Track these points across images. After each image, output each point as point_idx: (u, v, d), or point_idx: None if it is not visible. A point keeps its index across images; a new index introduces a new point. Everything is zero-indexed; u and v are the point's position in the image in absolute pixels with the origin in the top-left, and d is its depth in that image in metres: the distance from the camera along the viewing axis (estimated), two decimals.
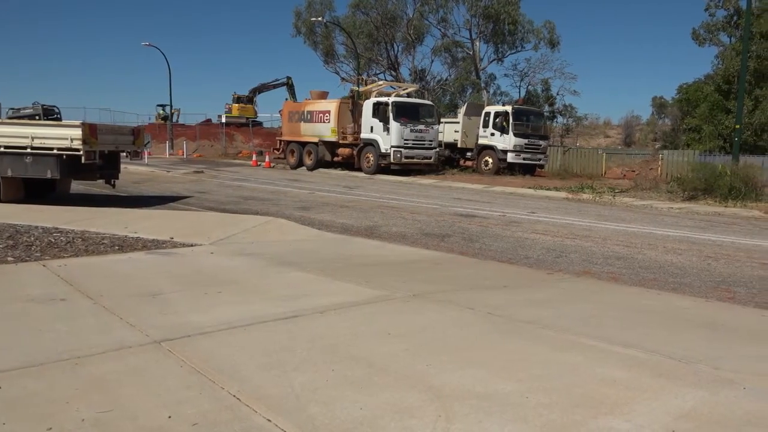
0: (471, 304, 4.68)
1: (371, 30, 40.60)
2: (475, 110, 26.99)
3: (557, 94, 42.00)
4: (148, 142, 25.85)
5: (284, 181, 20.19)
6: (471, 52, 41.31)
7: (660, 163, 27.89)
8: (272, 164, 29.52)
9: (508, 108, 25.48)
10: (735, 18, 30.46)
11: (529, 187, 19.22)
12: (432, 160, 24.48)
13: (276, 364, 3.27)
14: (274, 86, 47.00)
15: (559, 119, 43.35)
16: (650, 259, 7.71)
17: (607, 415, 2.73)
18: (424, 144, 24.01)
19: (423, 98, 31.66)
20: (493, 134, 25.11)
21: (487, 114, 25.69)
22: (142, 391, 2.88)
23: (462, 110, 27.75)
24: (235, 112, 47.78)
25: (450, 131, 27.33)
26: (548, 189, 18.73)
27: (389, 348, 3.60)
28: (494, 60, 42.00)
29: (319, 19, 37.64)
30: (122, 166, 13.05)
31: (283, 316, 4.19)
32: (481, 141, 25.75)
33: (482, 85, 41.14)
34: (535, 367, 3.34)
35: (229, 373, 3.13)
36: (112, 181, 12.28)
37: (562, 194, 17.61)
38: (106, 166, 11.56)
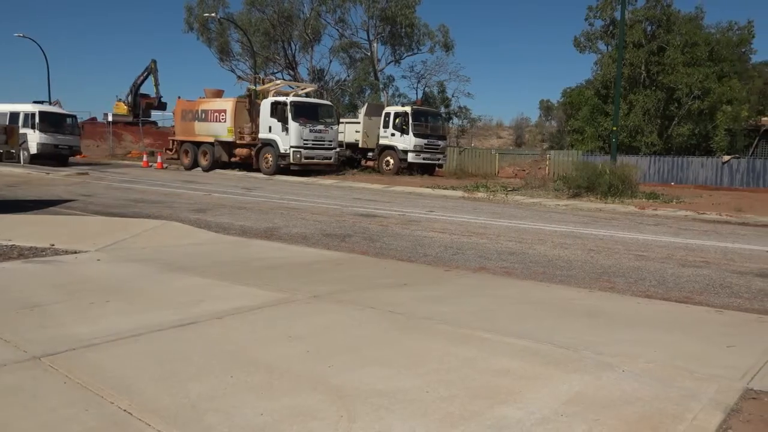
0: (372, 303, 4.72)
1: (268, 28, 39.93)
2: (375, 111, 27.31)
3: (452, 96, 43.43)
4: (24, 141, 24.05)
5: (178, 183, 19.39)
6: (369, 53, 41.70)
7: (548, 162, 29.61)
8: (165, 165, 28.30)
9: (408, 109, 26.06)
10: (611, 28, 32.84)
11: (428, 187, 19.71)
12: (332, 160, 24.49)
13: (171, 374, 3.13)
14: (145, 77, 44.75)
15: (455, 120, 44.83)
16: (540, 253, 8.14)
17: (502, 404, 2.85)
18: (324, 144, 23.96)
19: (322, 98, 31.60)
20: (393, 134, 25.56)
21: (387, 114, 26.10)
22: (18, 411, 2.65)
23: (363, 111, 28.01)
24: (118, 110, 45.58)
25: (351, 131, 27.49)
26: (445, 188, 19.31)
27: (290, 351, 3.55)
28: (392, 62, 42.74)
29: (212, 15, 36.49)
30: None
31: (179, 324, 4.02)
32: (382, 141, 26.11)
33: (381, 86, 41.66)
34: (435, 361, 3.42)
35: (119, 386, 2.95)
36: None
37: (459, 193, 18.21)
38: None
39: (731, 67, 29.97)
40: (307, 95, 26.72)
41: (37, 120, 26.89)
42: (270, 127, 23.56)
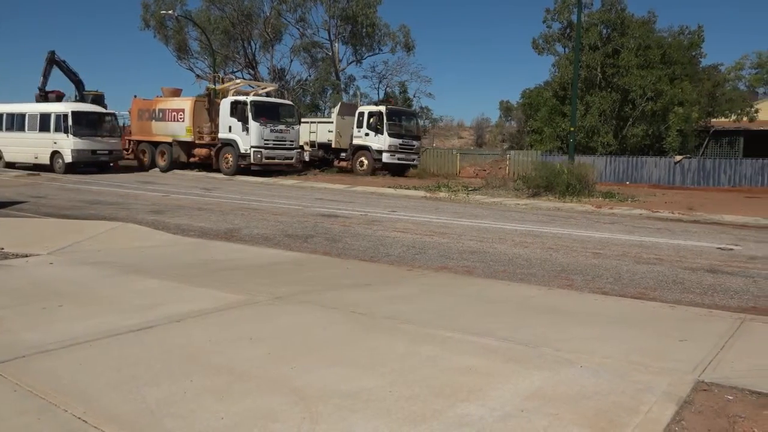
0: (334, 304, 4.71)
1: (227, 26, 39.32)
2: (348, 110, 26.90)
3: (414, 96, 43.54)
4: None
5: (135, 184, 18.95)
6: (330, 53, 41.53)
7: (508, 162, 30.01)
8: (121, 165, 27.58)
9: (382, 108, 25.63)
10: (568, 30, 33.51)
11: (390, 187, 19.74)
12: (293, 160, 24.26)
13: (128, 379, 3.05)
14: (49, 71, 39.48)
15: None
16: (501, 252, 8.25)
17: (464, 402, 2.88)
18: (285, 144, 23.73)
19: (283, 98, 31.30)
20: (367, 134, 25.21)
21: (361, 114, 25.72)
22: None
23: (336, 110, 27.51)
24: None
25: (324, 131, 27.00)
26: (407, 188, 19.37)
27: (251, 353, 3.51)
28: (353, 62, 42.61)
29: (170, 12, 35.73)
30: None
31: (136, 328, 3.92)
32: (355, 141, 25.74)
33: (342, 86, 41.54)
34: (397, 361, 3.43)
35: (74, 393, 2.87)
36: None
37: (421, 193, 18.29)
38: None
39: (682, 70, 30.90)
40: (268, 95, 26.41)
41: (70, 122, 22.64)
42: (230, 127, 23.21)
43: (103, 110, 25.28)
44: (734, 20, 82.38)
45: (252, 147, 22.65)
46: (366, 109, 26.33)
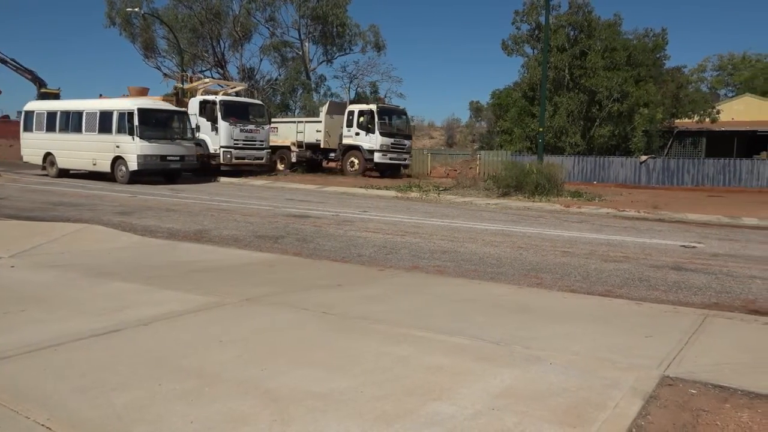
0: (305, 305, 4.69)
1: (195, 25, 38.78)
2: (337, 109, 26.35)
3: (385, 96, 43.52)
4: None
5: (101, 184, 18.57)
6: (300, 53, 41.30)
7: (478, 162, 30.27)
8: None
9: (373, 107, 25.16)
10: (536, 32, 33.93)
11: (361, 187, 19.72)
12: (263, 160, 24.07)
13: (94, 384, 2.99)
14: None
15: None
16: (471, 251, 8.31)
17: (435, 401, 2.89)
18: (255, 144, 23.53)
19: (253, 98, 31.02)
20: (358, 134, 24.75)
21: (351, 113, 25.20)
22: None
23: (324, 109, 26.87)
24: None
25: (311, 131, 26.38)
26: (379, 188, 19.37)
27: (221, 356, 3.47)
28: (324, 61, 42.39)
29: (136, 9, 35.06)
30: None
31: (103, 332, 3.84)
32: (345, 141, 25.24)
33: (313, 86, 41.32)
34: (369, 361, 3.43)
35: (37, 399, 2.79)
36: None
37: (392, 193, 18.31)
38: None
39: (647, 72, 31.57)
40: (237, 94, 26.13)
41: (136, 121, 19.05)
42: (198, 127, 22.95)
43: (175, 108, 21.82)
44: (696, 23, 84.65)
45: (221, 147, 22.41)
46: (356, 107, 25.79)
